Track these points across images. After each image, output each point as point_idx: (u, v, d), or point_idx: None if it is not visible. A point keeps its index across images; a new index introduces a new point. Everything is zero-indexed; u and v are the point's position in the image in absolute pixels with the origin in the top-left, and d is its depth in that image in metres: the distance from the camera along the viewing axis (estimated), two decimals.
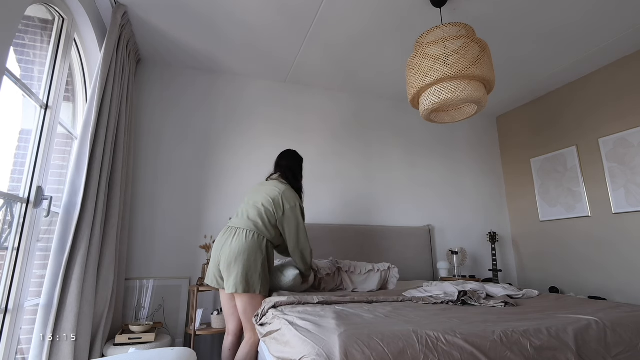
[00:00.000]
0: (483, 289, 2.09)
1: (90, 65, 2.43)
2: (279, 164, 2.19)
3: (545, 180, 3.51)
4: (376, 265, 2.50)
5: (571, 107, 3.33)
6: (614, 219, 2.91)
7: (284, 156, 2.21)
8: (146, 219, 2.75)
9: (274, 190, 2.02)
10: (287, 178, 2.13)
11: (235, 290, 1.79)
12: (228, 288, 1.81)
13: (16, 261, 1.67)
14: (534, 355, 1.19)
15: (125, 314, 2.52)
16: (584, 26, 2.55)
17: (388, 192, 3.49)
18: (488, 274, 3.57)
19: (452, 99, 1.86)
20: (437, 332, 1.18)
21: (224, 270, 1.84)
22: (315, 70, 3.16)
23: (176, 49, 2.84)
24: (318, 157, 3.33)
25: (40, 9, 1.91)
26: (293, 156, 2.22)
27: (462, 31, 2.03)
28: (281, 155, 2.22)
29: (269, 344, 1.46)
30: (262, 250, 1.89)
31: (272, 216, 1.96)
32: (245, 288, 1.80)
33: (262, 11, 2.39)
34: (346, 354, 1.04)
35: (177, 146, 2.95)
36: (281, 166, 2.17)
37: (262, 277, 1.85)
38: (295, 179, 2.15)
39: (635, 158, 2.78)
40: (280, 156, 2.23)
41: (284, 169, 2.16)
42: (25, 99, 1.76)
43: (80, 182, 1.92)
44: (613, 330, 1.36)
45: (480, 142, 4.02)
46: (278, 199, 1.99)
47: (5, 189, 1.67)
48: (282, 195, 2.00)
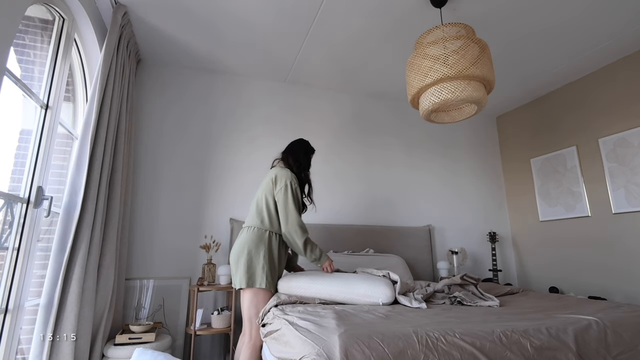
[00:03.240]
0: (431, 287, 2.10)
1: (91, 66, 2.43)
2: (284, 151, 2.18)
3: (545, 180, 3.51)
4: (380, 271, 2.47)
5: (571, 107, 3.33)
6: (614, 219, 2.91)
7: (291, 143, 2.20)
8: (146, 219, 2.75)
9: (270, 176, 2.02)
10: (288, 163, 2.10)
11: (240, 286, 1.83)
12: (235, 284, 1.87)
13: (16, 261, 1.67)
14: (534, 355, 1.19)
15: (126, 314, 2.52)
16: (584, 26, 2.55)
17: (388, 192, 3.49)
18: (488, 274, 3.57)
19: (452, 99, 1.86)
20: (437, 332, 1.18)
21: (232, 269, 1.91)
22: (315, 70, 3.16)
23: (176, 49, 2.84)
24: (318, 157, 3.32)
25: (40, 9, 1.91)
26: (298, 142, 2.19)
27: (462, 31, 2.03)
28: (290, 143, 2.21)
29: (270, 344, 1.46)
30: (265, 242, 1.90)
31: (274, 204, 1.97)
32: (249, 282, 1.82)
33: (262, 11, 2.39)
34: (346, 354, 1.04)
35: (177, 146, 2.95)
36: (285, 152, 2.17)
37: (266, 270, 1.85)
38: (296, 163, 2.09)
39: (635, 158, 2.78)
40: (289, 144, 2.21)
41: (286, 154, 2.15)
42: (26, 99, 1.76)
43: (81, 182, 1.92)
44: (613, 331, 1.36)
45: (480, 142, 4.02)
46: (270, 184, 1.98)
47: (5, 189, 1.67)
48: (275, 177, 1.99)
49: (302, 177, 2.08)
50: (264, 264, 1.86)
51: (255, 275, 1.84)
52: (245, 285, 1.82)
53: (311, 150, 2.20)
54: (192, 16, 2.45)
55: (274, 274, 1.91)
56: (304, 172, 2.10)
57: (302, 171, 2.09)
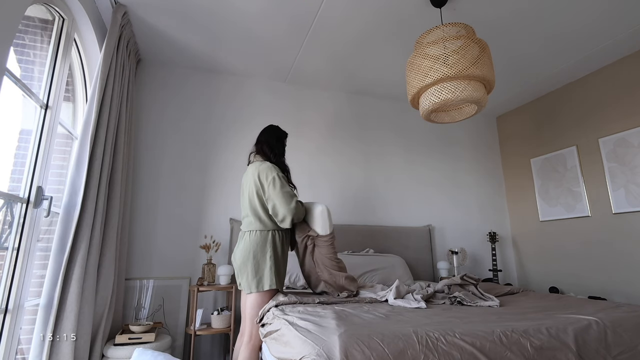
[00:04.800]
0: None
1: (90, 65, 2.43)
2: (258, 140, 2.15)
3: (545, 180, 3.51)
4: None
5: (571, 107, 3.33)
6: (614, 219, 2.91)
7: (262, 131, 2.17)
8: (146, 219, 2.75)
9: (253, 176, 1.98)
10: (264, 153, 2.08)
11: (250, 291, 1.86)
12: (244, 289, 1.90)
13: (16, 261, 1.67)
14: (534, 355, 1.19)
15: (125, 314, 2.52)
16: (584, 26, 2.55)
17: (388, 192, 3.49)
18: (488, 274, 3.57)
19: (452, 99, 1.86)
20: (437, 332, 1.18)
21: (237, 274, 1.94)
22: (315, 70, 3.16)
23: (176, 49, 2.84)
24: (318, 157, 3.33)
25: (40, 9, 1.91)
26: (268, 130, 2.16)
27: (462, 31, 2.03)
28: (260, 132, 2.18)
29: (270, 344, 1.46)
30: (270, 243, 1.90)
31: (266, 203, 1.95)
32: (258, 286, 1.85)
33: (263, 11, 2.39)
34: (346, 354, 1.04)
35: (177, 146, 2.95)
36: (259, 142, 2.13)
37: (273, 270, 1.86)
38: (272, 152, 2.07)
39: (635, 158, 2.78)
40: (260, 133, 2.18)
41: (260, 144, 2.12)
42: (25, 99, 1.76)
43: (80, 182, 1.92)
44: (613, 331, 1.35)
45: (480, 142, 4.02)
46: (257, 183, 1.96)
47: (5, 189, 1.67)
48: (259, 176, 1.96)
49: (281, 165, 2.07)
50: (271, 265, 1.87)
51: (263, 279, 1.85)
52: (255, 290, 1.85)
53: (283, 135, 2.17)
54: (192, 16, 2.45)
55: (280, 271, 1.93)
56: (280, 158, 2.09)
57: (278, 158, 2.08)
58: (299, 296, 1.84)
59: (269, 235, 1.92)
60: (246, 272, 1.87)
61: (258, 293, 1.86)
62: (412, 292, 1.98)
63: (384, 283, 2.67)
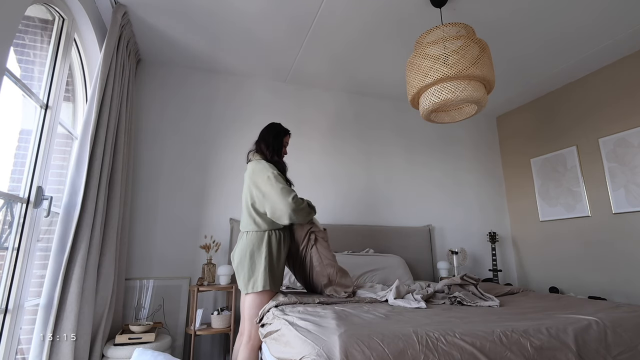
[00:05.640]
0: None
1: (90, 65, 2.43)
2: (257, 140, 2.14)
3: (545, 180, 3.51)
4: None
5: (571, 107, 3.33)
6: (614, 219, 2.91)
7: (262, 130, 2.16)
8: (146, 218, 2.74)
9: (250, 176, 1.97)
10: (261, 150, 2.07)
11: (246, 291, 1.87)
12: (241, 289, 1.91)
13: (16, 261, 1.67)
14: (534, 355, 1.19)
15: (125, 314, 2.52)
16: (584, 26, 2.55)
17: (388, 192, 3.49)
18: (488, 274, 3.57)
19: (452, 99, 1.86)
20: (437, 332, 1.18)
21: (236, 274, 1.95)
22: (315, 70, 3.16)
23: (176, 49, 2.84)
24: (318, 157, 3.33)
25: (40, 9, 1.91)
26: (268, 128, 2.15)
27: (462, 31, 2.03)
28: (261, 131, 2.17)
29: (270, 344, 1.46)
30: (265, 243, 1.90)
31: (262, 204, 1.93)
32: (254, 286, 1.86)
33: (262, 11, 2.39)
34: (346, 354, 1.04)
35: (177, 146, 2.95)
36: (257, 141, 2.13)
37: (267, 270, 1.86)
38: (269, 149, 2.06)
39: (635, 158, 2.78)
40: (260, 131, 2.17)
41: (258, 142, 2.11)
42: (25, 99, 1.76)
43: (80, 182, 1.92)
44: (613, 331, 1.35)
45: (480, 142, 4.02)
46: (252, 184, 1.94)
47: (5, 189, 1.67)
48: (254, 177, 1.94)
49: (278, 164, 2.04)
50: (265, 265, 1.86)
51: (258, 279, 1.85)
52: (251, 290, 1.85)
53: (283, 132, 2.14)
54: (192, 16, 2.45)
55: (276, 272, 1.91)
56: (277, 155, 2.07)
57: (275, 155, 2.06)
58: (299, 296, 1.85)
59: (265, 236, 1.92)
60: (243, 272, 1.88)
61: (255, 293, 1.86)
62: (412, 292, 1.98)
63: (384, 283, 2.67)
